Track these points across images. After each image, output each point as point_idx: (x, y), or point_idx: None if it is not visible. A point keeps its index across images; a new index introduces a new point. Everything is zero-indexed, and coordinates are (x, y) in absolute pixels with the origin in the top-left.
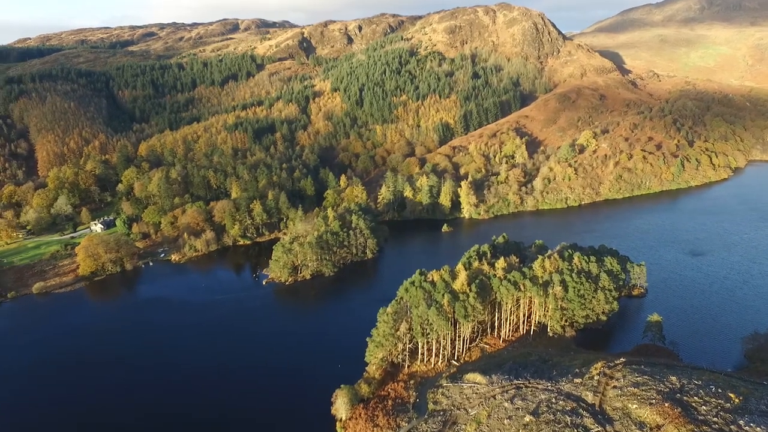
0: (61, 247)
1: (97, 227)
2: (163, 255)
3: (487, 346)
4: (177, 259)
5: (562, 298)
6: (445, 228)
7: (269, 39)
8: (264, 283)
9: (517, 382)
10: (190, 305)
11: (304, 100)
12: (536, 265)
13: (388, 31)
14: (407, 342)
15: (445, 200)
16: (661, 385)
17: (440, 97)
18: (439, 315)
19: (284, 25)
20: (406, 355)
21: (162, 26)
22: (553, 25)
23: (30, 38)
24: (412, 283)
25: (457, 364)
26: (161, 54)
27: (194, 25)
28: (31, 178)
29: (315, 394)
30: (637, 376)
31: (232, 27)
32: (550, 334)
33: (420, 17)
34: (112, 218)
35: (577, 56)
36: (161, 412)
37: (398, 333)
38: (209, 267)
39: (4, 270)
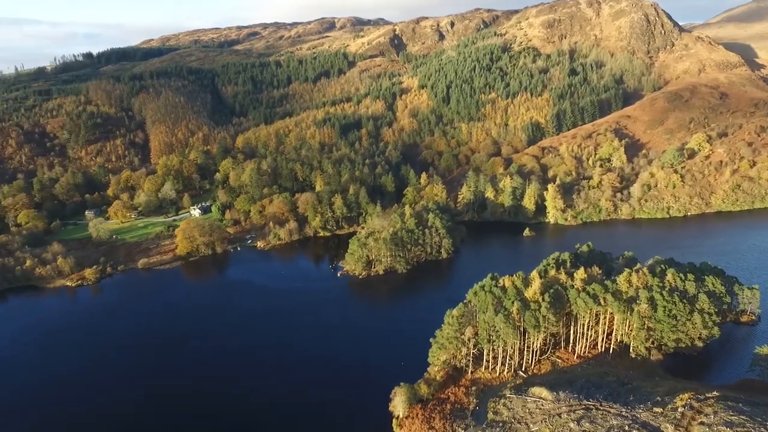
0: (164, 228)
1: (195, 212)
2: (250, 241)
3: (560, 361)
4: (262, 246)
5: (649, 317)
6: (527, 232)
7: (362, 36)
8: (339, 275)
9: (587, 402)
10: (271, 290)
11: (391, 96)
12: (621, 278)
13: (482, 26)
14: (472, 347)
15: (528, 203)
16: (762, 429)
17: (532, 95)
18: (507, 323)
19: (378, 22)
20: (470, 360)
21: (265, 26)
22: (668, 16)
23: (153, 39)
24: (482, 287)
25: (525, 375)
26: (262, 52)
27: (294, 24)
28: (145, 165)
29: (376, 388)
30: (732, 415)
31: (328, 25)
32: (633, 355)
33: (516, 12)
34: (208, 204)
35: (695, 50)
36: (229, 393)
37: (463, 337)
38: (290, 255)
39: (117, 246)
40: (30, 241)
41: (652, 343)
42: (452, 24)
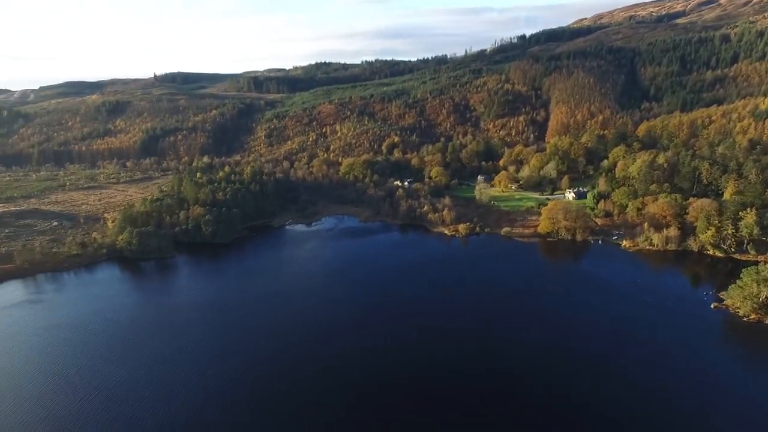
0: (535, 204)
1: (570, 195)
2: (615, 237)
3: None
4: (627, 245)
5: None
6: None
7: None
8: (712, 306)
9: None
10: (615, 293)
11: None
12: None
13: None
14: None
15: None
16: None
17: None
18: None
19: None
20: None
21: None
22: None
23: (585, 18)
24: None
25: None
26: (709, 24)
27: None
28: (538, 143)
29: None
30: None
31: None
32: None
33: None
34: (585, 190)
35: None
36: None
37: None
38: (658, 265)
39: (491, 211)
40: (433, 192)
41: None
42: None
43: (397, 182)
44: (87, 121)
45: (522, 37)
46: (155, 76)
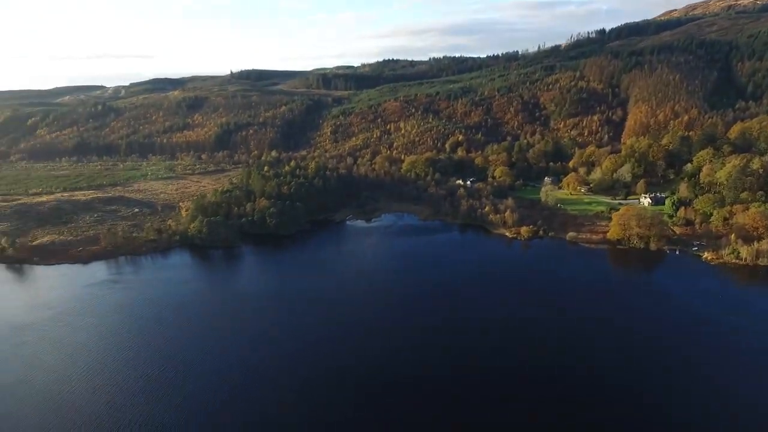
0: (606, 209)
1: (645, 200)
2: (695, 249)
3: None
4: (710, 258)
5: None
6: None
7: None
8: None
9: None
10: (695, 310)
11: None
12: None
13: None
14: None
15: None
16: None
17: None
18: None
19: None
20: None
21: None
22: None
23: (675, 10)
24: None
25: None
26: None
27: None
28: (612, 143)
29: None
30: None
31: None
32: None
33: None
34: (663, 196)
35: None
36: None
37: None
38: (746, 281)
39: (557, 214)
40: (496, 192)
41: None
42: None
43: (459, 181)
44: (169, 115)
45: (601, 32)
46: (231, 73)
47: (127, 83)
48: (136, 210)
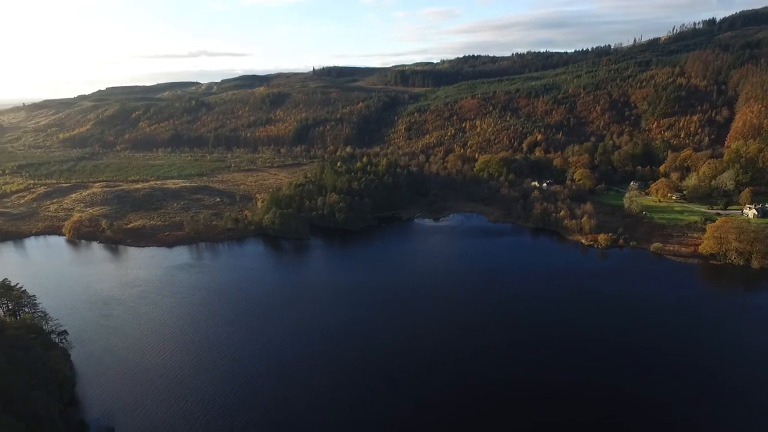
0: (700, 219)
1: (750, 212)
2: None
3: None
4: None
5: None
6: None
7: None
8: None
9: None
10: None
11: None
12: None
13: None
14: None
15: None
16: None
17: None
18: None
19: None
20: None
21: None
22: None
23: None
24: None
25: None
26: None
27: None
28: (713, 147)
29: None
30: None
31: None
32: None
33: None
34: None
35: None
36: None
37: None
38: None
39: (641, 222)
40: (574, 196)
41: None
42: None
43: (535, 183)
44: (253, 110)
45: (710, 22)
46: (313, 70)
47: (218, 80)
48: (218, 199)
